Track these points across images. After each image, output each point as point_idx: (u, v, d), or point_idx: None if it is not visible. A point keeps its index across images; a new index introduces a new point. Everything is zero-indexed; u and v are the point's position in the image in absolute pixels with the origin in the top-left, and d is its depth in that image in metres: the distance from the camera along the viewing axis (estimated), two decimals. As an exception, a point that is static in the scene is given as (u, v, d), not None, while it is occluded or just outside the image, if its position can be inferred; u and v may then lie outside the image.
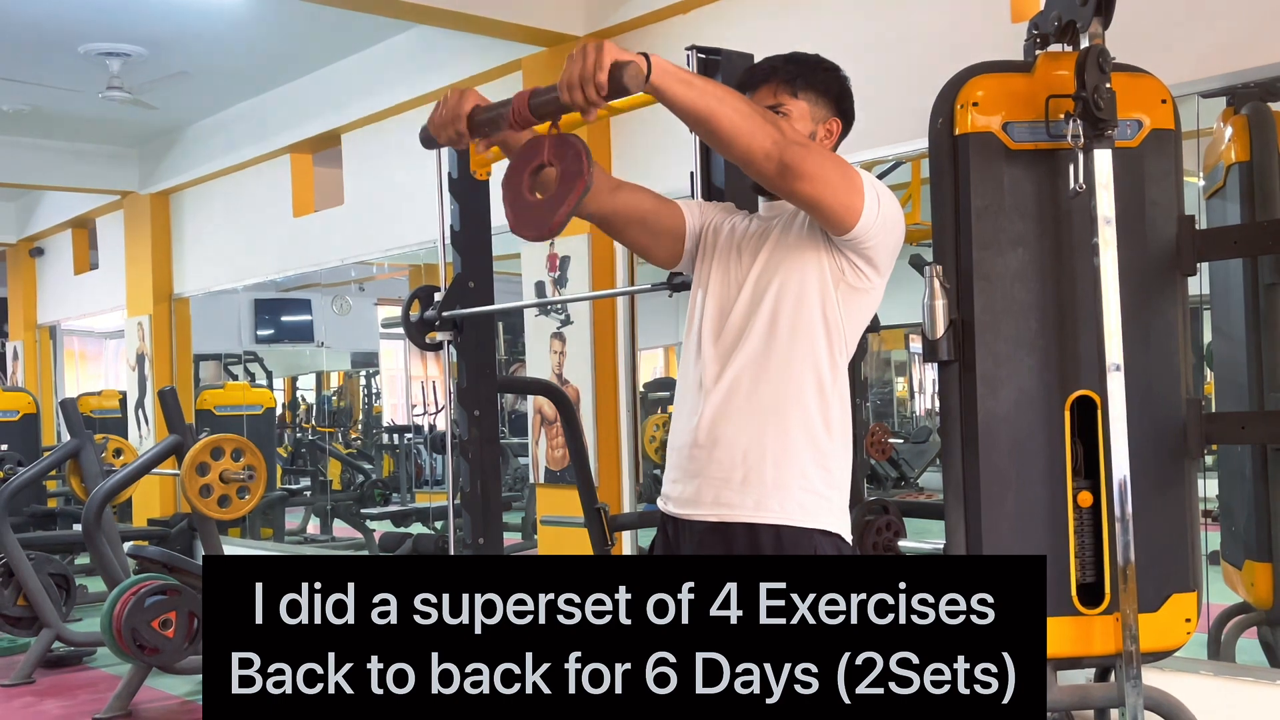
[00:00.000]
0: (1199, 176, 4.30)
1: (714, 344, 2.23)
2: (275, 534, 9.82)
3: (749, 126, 1.96)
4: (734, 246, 2.28)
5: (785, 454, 2.15)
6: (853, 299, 2.20)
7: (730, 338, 2.21)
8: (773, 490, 2.15)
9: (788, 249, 2.19)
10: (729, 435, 2.18)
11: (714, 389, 2.20)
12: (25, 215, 12.17)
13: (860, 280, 2.19)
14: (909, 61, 4.77)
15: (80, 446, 6.45)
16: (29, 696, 5.34)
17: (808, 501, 2.16)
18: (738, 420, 2.18)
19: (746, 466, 2.16)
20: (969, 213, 3.12)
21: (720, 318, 2.23)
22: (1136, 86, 3.16)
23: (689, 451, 2.23)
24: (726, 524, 2.18)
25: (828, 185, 2.05)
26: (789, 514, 2.14)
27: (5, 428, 9.39)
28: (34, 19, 6.64)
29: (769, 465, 2.15)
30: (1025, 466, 3.12)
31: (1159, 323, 3.16)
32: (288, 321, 11.26)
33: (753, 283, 2.21)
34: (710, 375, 2.21)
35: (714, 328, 2.24)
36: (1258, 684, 3.91)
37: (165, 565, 5.46)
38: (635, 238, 2.35)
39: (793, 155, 2.00)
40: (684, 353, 2.33)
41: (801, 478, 2.15)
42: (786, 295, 2.18)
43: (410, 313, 5.08)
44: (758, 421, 2.16)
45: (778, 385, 2.17)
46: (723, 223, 2.33)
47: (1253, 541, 4.05)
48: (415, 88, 7.07)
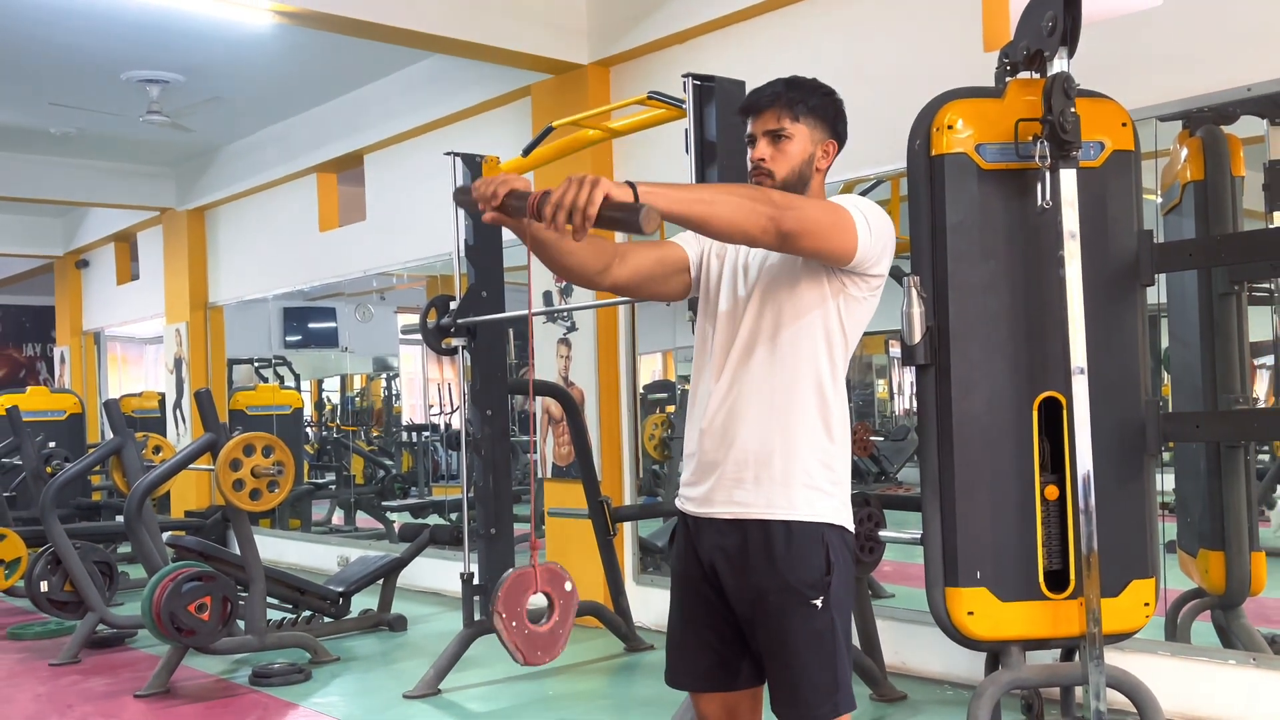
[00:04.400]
0: (1157, 194, 4.30)
1: (724, 358, 2.23)
2: (303, 525, 9.81)
3: (741, 215, 1.96)
4: (738, 266, 2.28)
5: (792, 455, 2.16)
6: (853, 307, 2.21)
7: (739, 352, 2.21)
8: (781, 488, 2.16)
9: (788, 267, 2.19)
10: (740, 439, 2.19)
11: (725, 398, 2.21)
12: (71, 230, 12.17)
13: (860, 290, 2.20)
14: (889, 88, 4.77)
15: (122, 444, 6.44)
16: (75, 675, 5.33)
17: (814, 498, 2.17)
18: (748, 425, 2.19)
19: (757, 467, 2.18)
20: (944, 227, 3.12)
21: (730, 334, 2.24)
22: (1099, 111, 3.16)
23: (703, 456, 2.24)
24: (741, 520, 2.19)
25: (823, 234, 2.06)
26: (797, 510, 2.15)
27: (53, 426, 9.39)
28: (80, 49, 6.65)
29: (778, 465, 2.16)
30: (996, 462, 3.12)
31: (1120, 329, 3.16)
32: (314, 328, 11.25)
33: (758, 300, 2.21)
34: (722, 386, 2.22)
35: (724, 343, 2.24)
36: (1211, 663, 3.91)
37: (201, 554, 5.45)
38: (651, 292, 2.35)
39: (787, 222, 2.00)
40: (697, 367, 2.33)
41: (806, 475, 2.16)
42: (788, 311, 2.18)
43: (428, 320, 5.09)
44: (766, 426, 2.17)
45: (784, 393, 2.18)
46: (724, 246, 2.33)
47: (1207, 531, 4.05)
48: (432, 112, 7.07)
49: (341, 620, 6.02)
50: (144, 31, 6.38)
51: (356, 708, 4.70)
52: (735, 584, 2.19)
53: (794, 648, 2.13)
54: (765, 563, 2.14)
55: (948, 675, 4.57)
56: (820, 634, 2.13)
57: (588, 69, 5.96)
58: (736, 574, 2.18)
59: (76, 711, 4.74)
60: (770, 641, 2.17)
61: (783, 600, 2.13)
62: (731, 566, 2.19)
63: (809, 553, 2.14)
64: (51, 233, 12.32)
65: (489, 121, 6.75)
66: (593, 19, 5.94)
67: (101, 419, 11.08)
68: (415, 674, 4.95)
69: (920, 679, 4.60)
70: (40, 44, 6.57)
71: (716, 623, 2.25)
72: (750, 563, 2.16)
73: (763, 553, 2.15)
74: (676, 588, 2.32)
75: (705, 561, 2.23)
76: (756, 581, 2.15)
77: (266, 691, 4.94)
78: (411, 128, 7.30)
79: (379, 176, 7.93)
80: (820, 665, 2.13)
